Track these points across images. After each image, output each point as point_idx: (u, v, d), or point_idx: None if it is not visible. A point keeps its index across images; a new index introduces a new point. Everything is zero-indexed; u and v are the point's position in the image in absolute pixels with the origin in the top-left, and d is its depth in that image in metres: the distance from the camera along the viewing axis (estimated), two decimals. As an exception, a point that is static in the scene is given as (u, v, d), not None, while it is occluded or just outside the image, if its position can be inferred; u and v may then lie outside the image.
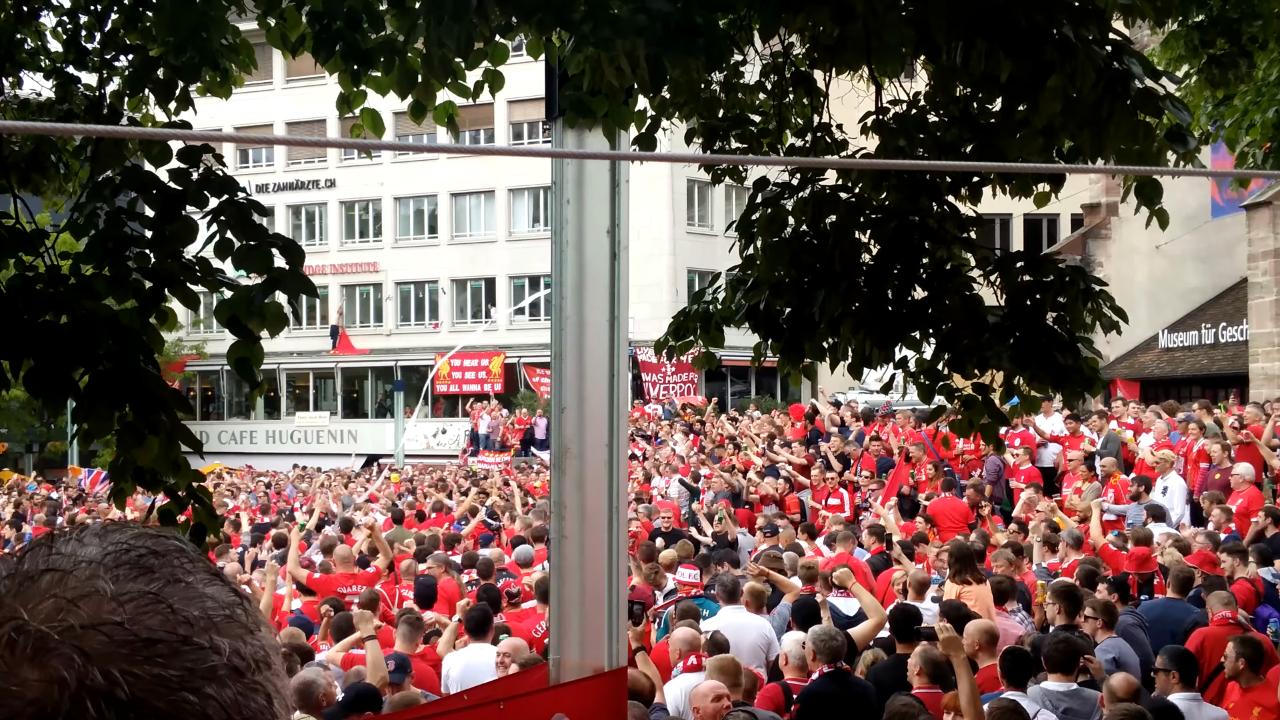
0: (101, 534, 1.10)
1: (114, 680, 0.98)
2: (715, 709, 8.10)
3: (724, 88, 7.50)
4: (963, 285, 6.77)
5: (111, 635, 1.00)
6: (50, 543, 1.09)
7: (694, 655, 9.92)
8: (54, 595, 1.02)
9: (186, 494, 6.26)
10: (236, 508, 26.00)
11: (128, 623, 1.01)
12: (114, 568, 1.05)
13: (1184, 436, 19.29)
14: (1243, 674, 9.15)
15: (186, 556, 1.10)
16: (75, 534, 1.10)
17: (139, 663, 1.00)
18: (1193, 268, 37.67)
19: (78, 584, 1.03)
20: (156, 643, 1.02)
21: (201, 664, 1.03)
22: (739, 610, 11.65)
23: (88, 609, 1.01)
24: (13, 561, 1.07)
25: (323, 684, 8.83)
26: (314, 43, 6.70)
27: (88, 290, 5.74)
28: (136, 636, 1.01)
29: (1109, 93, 5.43)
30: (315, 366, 55.27)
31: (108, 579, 1.04)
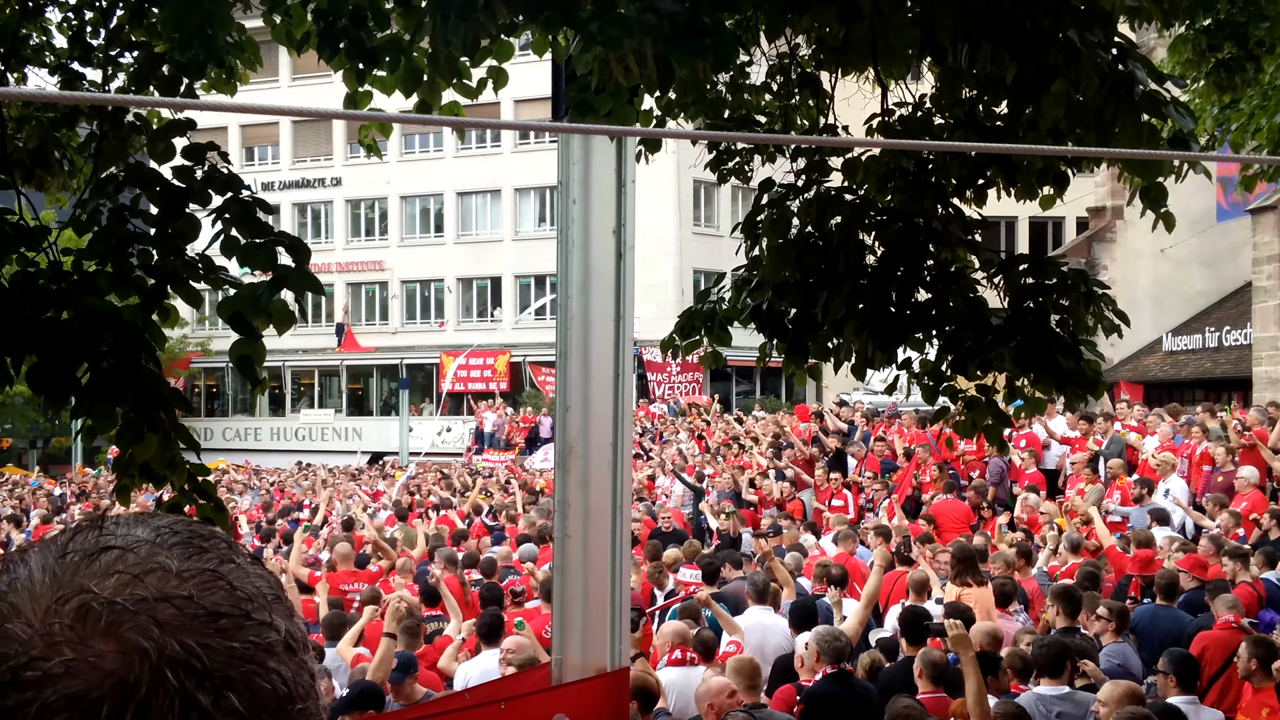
0: (143, 519, 1.11)
1: (191, 650, 1.00)
2: (727, 705, 8.10)
3: (730, 88, 7.51)
4: (966, 287, 6.77)
5: (182, 609, 1.02)
6: (99, 525, 1.10)
7: (679, 649, 9.95)
8: (118, 571, 1.03)
9: (190, 490, 6.26)
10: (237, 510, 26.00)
11: (195, 597, 1.03)
12: (170, 547, 1.07)
13: (1186, 439, 19.27)
14: (1255, 674, 9.15)
15: (226, 541, 1.12)
16: (127, 517, 1.11)
17: (210, 635, 1.02)
18: (1197, 271, 37.63)
19: (139, 560, 1.04)
20: (222, 616, 1.04)
21: (264, 639, 1.05)
22: (767, 610, 11.61)
23: (154, 583, 1.03)
24: (61, 541, 1.08)
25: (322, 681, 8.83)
26: (319, 40, 6.70)
27: (90, 287, 5.74)
28: (205, 610, 1.03)
29: (1113, 96, 5.42)
30: (320, 364, 55.32)
31: (170, 556, 1.06)
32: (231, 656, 1.02)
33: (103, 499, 29.89)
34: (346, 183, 54.06)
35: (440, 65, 5.95)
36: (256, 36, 7.37)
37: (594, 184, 6.05)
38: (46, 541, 1.09)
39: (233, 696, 1.01)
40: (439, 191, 52.58)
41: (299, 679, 1.07)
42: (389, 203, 53.78)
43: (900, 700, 8.18)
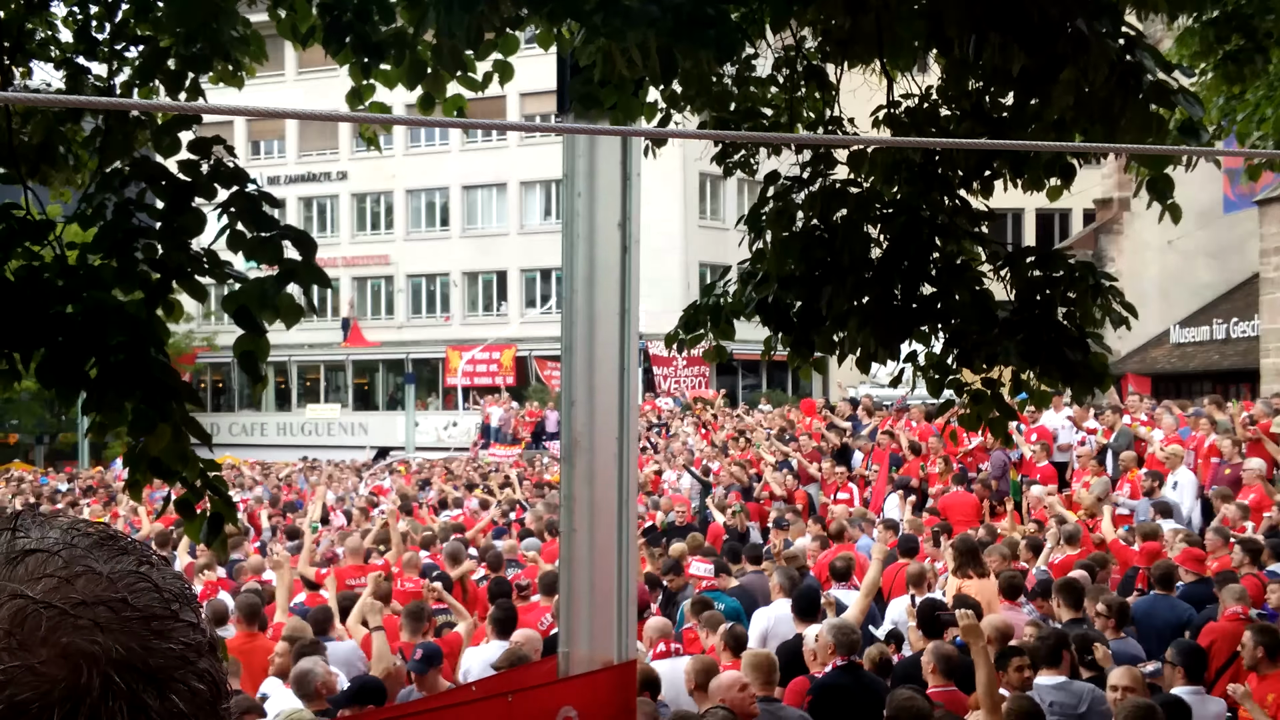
0: (48, 520, 1.09)
1: (134, 652, 0.99)
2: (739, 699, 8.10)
3: (735, 81, 7.49)
4: (972, 280, 6.76)
5: (117, 611, 1.00)
6: (11, 526, 1.07)
7: (664, 642, 9.94)
8: (47, 574, 1.01)
9: (202, 484, 6.26)
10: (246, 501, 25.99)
11: (129, 599, 1.02)
12: (94, 549, 1.05)
13: (1194, 432, 19.24)
14: (1261, 662, 9.15)
15: (137, 542, 1.10)
16: (38, 519, 1.08)
17: (147, 637, 1.01)
18: (1205, 263, 37.56)
19: (65, 563, 1.02)
20: (155, 618, 1.02)
21: (193, 639, 1.05)
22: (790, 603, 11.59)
23: (85, 586, 1.01)
24: None
25: (320, 673, 8.80)
26: (324, 34, 6.70)
27: (95, 281, 5.74)
28: (140, 612, 1.02)
29: (1121, 86, 5.41)
30: (326, 359, 55.37)
31: (97, 559, 1.04)
32: (169, 658, 1.01)
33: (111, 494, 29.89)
34: (352, 177, 54.09)
35: (444, 58, 5.95)
36: (262, 30, 7.37)
37: (599, 177, 6.04)
38: None
39: (175, 698, 1.00)
40: (444, 185, 52.60)
41: (222, 678, 1.07)
42: (394, 196, 53.80)
43: (901, 691, 8.18)
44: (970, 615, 8.58)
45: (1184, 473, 17.60)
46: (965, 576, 12.28)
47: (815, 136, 7.48)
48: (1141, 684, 8.35)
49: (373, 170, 52.66)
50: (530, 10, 5.55)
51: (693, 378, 44.40)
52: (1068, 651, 9.10)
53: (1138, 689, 8.21)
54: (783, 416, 28.58)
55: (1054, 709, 8.55)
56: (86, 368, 5.56)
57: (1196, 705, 8.48)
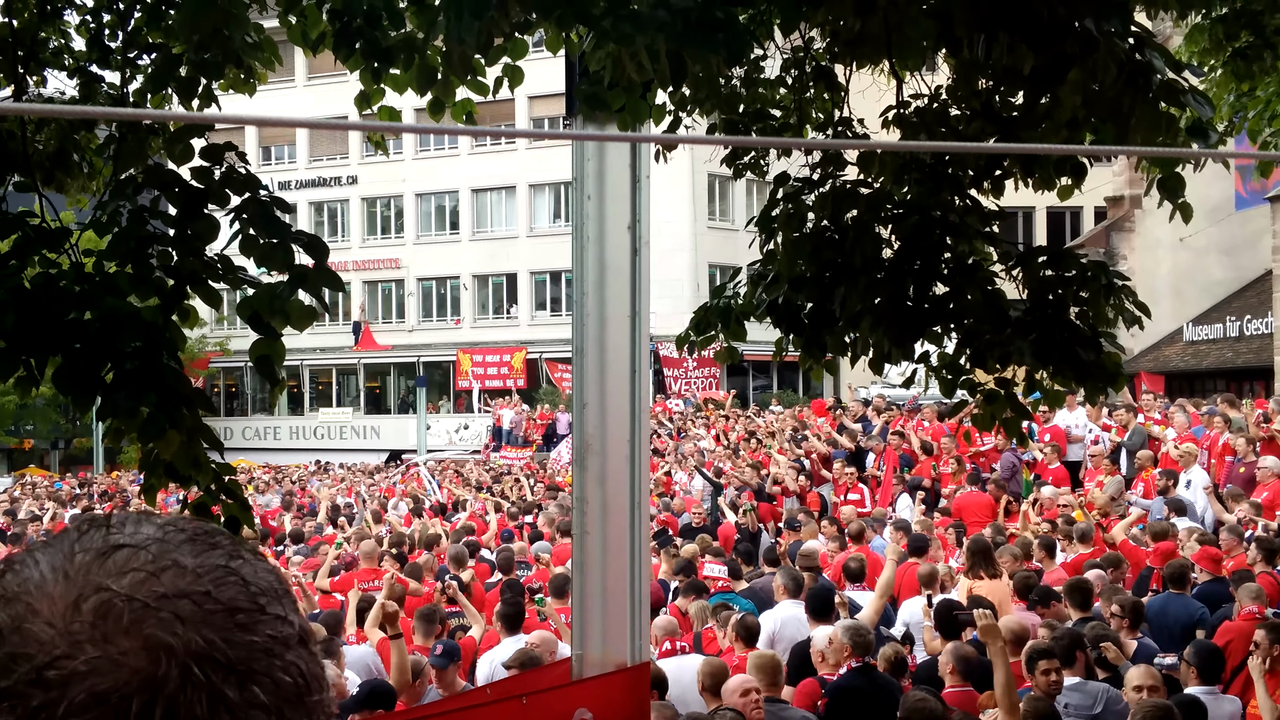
0: (148, 518, 1.11)
1: (214, 644, 1.01)
2: (743, 703, 8.12)
3: (744, 83, 7.50)
4: (984, 280, 6.75)
5: (200, 604, 1.02)
6: (106, 523, 1.10)
7: (669, 640, 9.97)
8: (133, 569, 1.03)
9: (216, 488, 6.29)
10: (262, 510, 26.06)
11: (213, 593, 1.04)
12: (179, 544, 1.07)
13: (1208, 430, 19.20)
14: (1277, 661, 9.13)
15: (230, 537, 1.13)
16: (134, 516, 1.11)
17: (230, 629, 1.03)
18: (1217, 260, 37.47)
19: (152, 558, 1.04)
20: (240, 611, 1.04)
21: (280, 632, 1.06)
22: (799, 605, 11.61)
23: (170, 580, 1.03)
24: (69, 540, 1.08)
25: (330, 676, 8.81)
26: (334, 40, 6.72)
27: (111, 288, 5.76)
28: (223, 605, 1.03)
29: (1131, 85, 5.41)
30: (338, 363, 55.48)
31: (180, 553, 1.06)
32: (252, 650, 1.03)
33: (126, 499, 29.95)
34: (362, 181, 54.21)
35: (454, 63, 5.96)
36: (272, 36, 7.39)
37: (608, 180, 6.05)
38: (50, 542, 1.09)
39: (257, 689, 1.02)
40: (454, 189, 52.69)
41: (312, 671, 1.08)
42: (404, 200, 53.91)
43: (914, 693, 8.19)
44: (989, 615, 8.58)
45: (1197, 471, 17.55)
46: (977, 577, 12.28)
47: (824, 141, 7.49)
48: (1160, 682, 8.34)
49: (383, 174, 52.77)
50: (539, 15, 5.56)
51: (703, 379, 44.41)
52: (1082, 652, 9.09)
53: (1158, 687, 8.20)
54: (794, 417, 28.56)
55: (1070, 710, 8.55)
56: (102, 374, 5.59)
57: (1212, 705, 8.47)
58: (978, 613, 8.84)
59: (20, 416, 50.48)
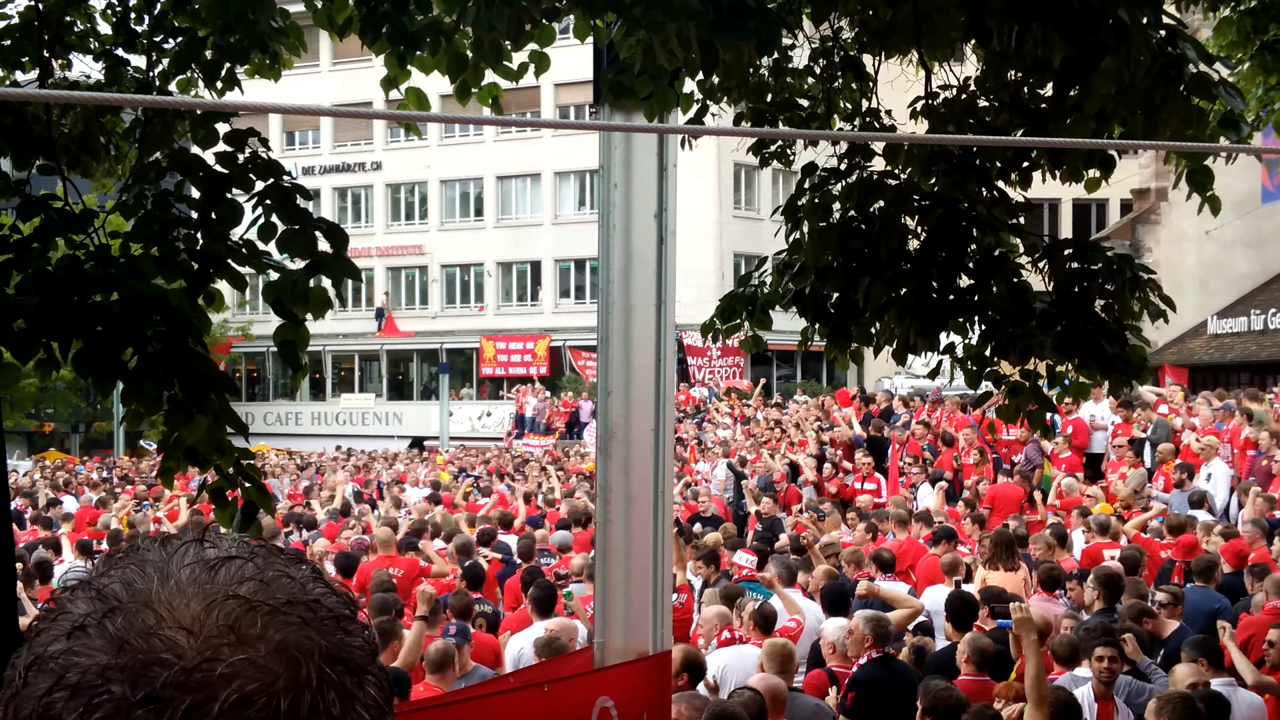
0: (221, 538, 1.16)
1: (341, 646, 1.09)
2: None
3: (772, 72, 7.46)
4: (1010, 272, 6.72)
5: (315, 611, 1.09)
6: (200, 539, 1.15)
7: (726, 629, 9.97)
8: (249, 578, 1.09)
9: (235, 472, 6.30)
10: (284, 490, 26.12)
11: (321, 601, 1.11)
12: (269, 559, 1.13)
13: (1227, 424, 19.14)
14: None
15: (298, 552, 1.21)
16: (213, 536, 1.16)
17: (338, 634, 1.09)
18: (1242, 253, 37.27)
19: (258, 570, 1.10)
20: (341, 619, 1.11)
21: (368, 639, 1.13)
22: (795, 593, 11.64)
23: (284, 589, 1.09)
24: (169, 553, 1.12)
25: None
26: (360, 25, 6.71)
27: (135, 271, 5.77)
28: (331, 612, 1.11)
29: (1162, 77, 5.36)
30: (360, 348, 55.58)
31: (283, 566, 1.12)
32: (360, 653, 1.10)
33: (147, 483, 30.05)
34: (386, 167, 54.23)
35: (484, 50, 5.94)
36: (297, 21, 7.39)
37: (635, 168, 6.04)
38: (147, 553, 1.13)
39: (369, 688, 1.10)
40: (479, 175, 52.68)
41: (385, 675, 1.15)
42: (429, 187, 53.91)
43: (937, 682, 8.17)
44: (1025, 609, 8.54)
45: (1218, 464, 17.48)
46: (995, 568, 12.27)
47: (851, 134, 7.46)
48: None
49: (407, 160, 52.81)
50: (570, 2, 5.54)
51: (727, 368, 44.36)
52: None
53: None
54: (819, 407, 28.53)
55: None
56: (125, 357, 5.60)
57: (1230, 697, 8.44)
58: (1013, 606, 8.80)
59: (41, 400, 50.67)
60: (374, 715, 1.09)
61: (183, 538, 1.15)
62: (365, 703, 1.08)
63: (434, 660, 9.23)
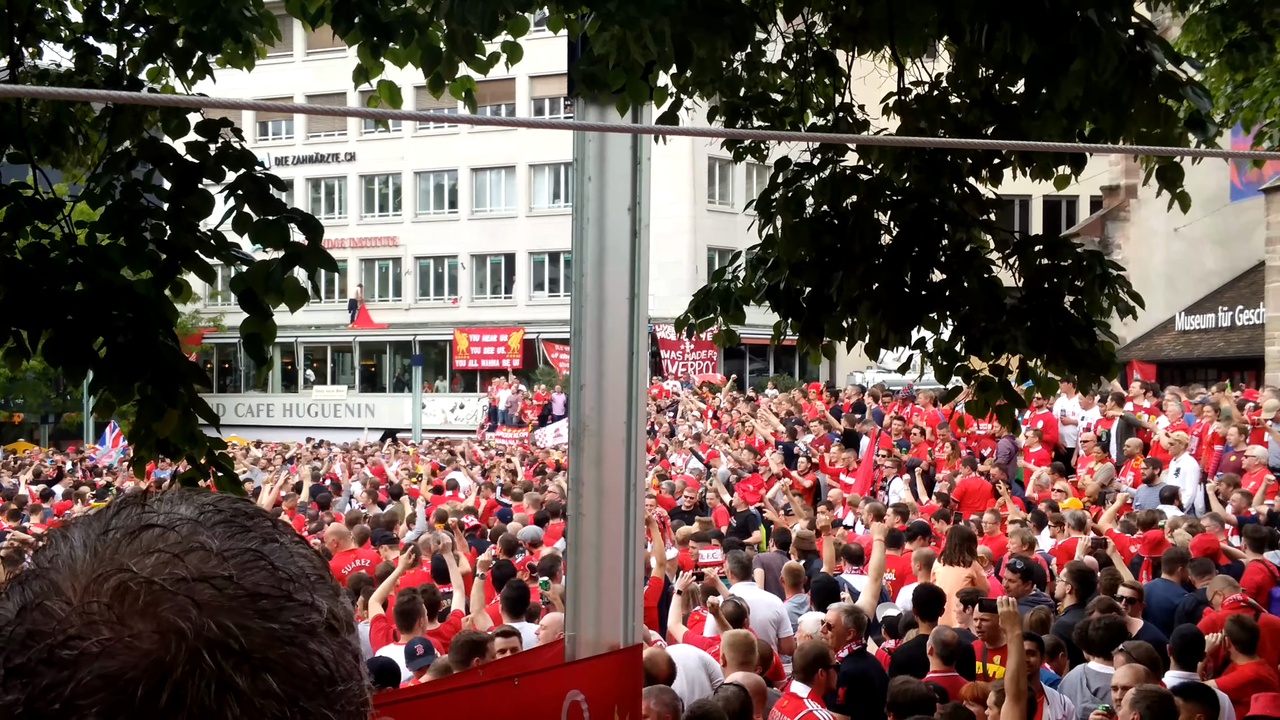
0: (188, 496, 1.10)
1: (229, 631, 1.00)
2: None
3: (746, 66, 7.48)
4: (981, 268, 6.76)
5: (221, 589, 1.01)
6: (142, 501, 1.09)
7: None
8: (159, 550, 1.03)
9: (207, 462, 6.28)
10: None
11: (235, 577, 1.03)
12: (212, 525, 1.06)
13: (1199, 419, 19.28)
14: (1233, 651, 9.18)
15: (271, 520, 1.11)
16: (170, 494, 1.11)
17: (250, 616, 1.01)
18: (1210, 251, 37.54)
19: (180, 539, 1.04)
20: (263, 597, 1.03)
21: (304, 620, 1.05)
22: (750, 586, 11.66)
23: (194, 563, 1.02)
24: (105, 517, 1.07)
25: None
26: (334, 15, 6.69)
27: (104, 260, 5.75)
28: (245, 590, 1.02)
29: (1130, 76, 5.40)
30: (333, 340, 55.36)
31: (210, 535, 1.05)
32: (270, 638, 1.02)
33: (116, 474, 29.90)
34: (361, 158, 54.04)
35: (458, 42, 5.94)
36: (272, 10, 7.36)
37: (609, 161, 6.04)
38: (91, 517, 1.09)
39: (270, 678, 1.01)
40: (453, 167, 52.52)
41: (341, 660, 1.07)
42: (403, 178, 53.73)
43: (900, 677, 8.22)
44: (1010, 603, 8.57)
45: (1186, 459, 17.60)
46: (950, 564, 12.32)
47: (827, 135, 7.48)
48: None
49: (381, 152, 52.63)
50: (544, -5, 5.54)
51: (700, 361, 44.40)
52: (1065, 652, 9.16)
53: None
54: (791, 401, 28.58)
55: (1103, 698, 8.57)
56: (95, 347, 5.57)
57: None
58: (1000, 600, 8.83)
59: (10, 390, 50.36)
60: (271, 709, 1.00)
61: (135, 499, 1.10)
62: (255, 694, 0.99)
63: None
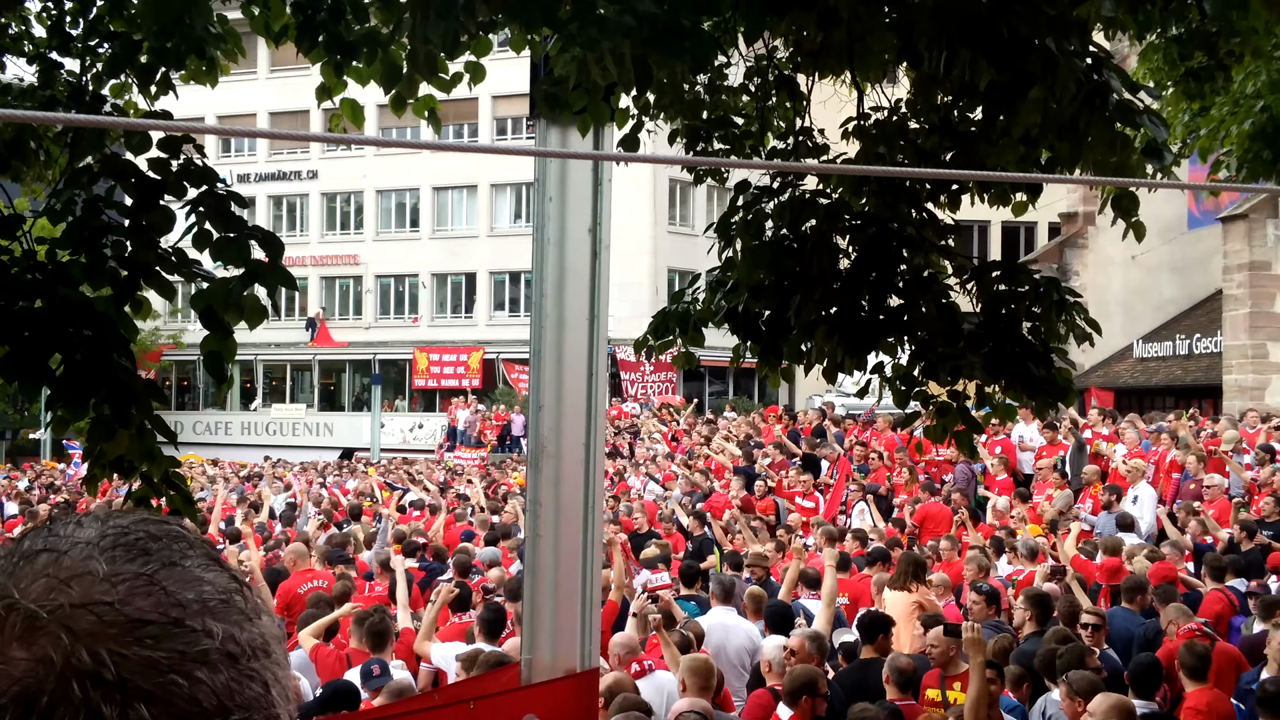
0: (104, 518, 1.09)
1: (101, 660, 0.98)
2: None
3: (707, 89, 7.51)
4: (939, 293, 6.79)
5: (101, 615, 1.00)
6: (50, 525, 1.09)
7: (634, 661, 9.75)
8: (47, 575, 1.02)
9: (161, 481, 6.25)
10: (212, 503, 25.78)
11: (119, 603, 1.01)
12: (110, 549, 1.05)
13: (1155, 446, 19.42)
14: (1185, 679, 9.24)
15: (186, 541, 1.10)
16: (77, 517, 1.10)
17: (128, 644, 0.99)
18: (1168, 279, 37.92)
19: (71, 564, 1.03)
20: (146, 624, 1.01)
21: (193, 647, 1.02)
22: (729, 611, 11.63)
23: (79, 589, 1.01)
24: (15, 541, 1.07)
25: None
26: (297, 33, 6.69)
27: (64, 277, 5.72)
28: (127, 617, 1.00)
29: (1088, 105, 5.45)
30: (292, 358, 55.11)
31: (102, 560, 1.04)
32: (149, 666, 0.99)
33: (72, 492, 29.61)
34: (322, 176, 53.94)
35: (419, 62, 5.95)
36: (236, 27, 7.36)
37: (570, 182, 6.06)
38: (11, 539, 1.09)
39: (143, 708, 0.98)
40: (415, 186, 52.48)
41: (238, 689, 1.04)
42: (364, 197, 53.65)
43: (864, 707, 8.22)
44: (975, 629, 8.59)
45: (1144, 487, 17.72)
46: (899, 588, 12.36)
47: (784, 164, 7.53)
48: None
49: (343, 170, 52.56)
50: (506, 18, 5.55)
51: (660, 383, 44.45)
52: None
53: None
54: (749, 424, 28.63)
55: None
56: (52, 364, 5.54)
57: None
58: (965, 625, 8.85)
59: (-34, 406, 49.94)
60: None
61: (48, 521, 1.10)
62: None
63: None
